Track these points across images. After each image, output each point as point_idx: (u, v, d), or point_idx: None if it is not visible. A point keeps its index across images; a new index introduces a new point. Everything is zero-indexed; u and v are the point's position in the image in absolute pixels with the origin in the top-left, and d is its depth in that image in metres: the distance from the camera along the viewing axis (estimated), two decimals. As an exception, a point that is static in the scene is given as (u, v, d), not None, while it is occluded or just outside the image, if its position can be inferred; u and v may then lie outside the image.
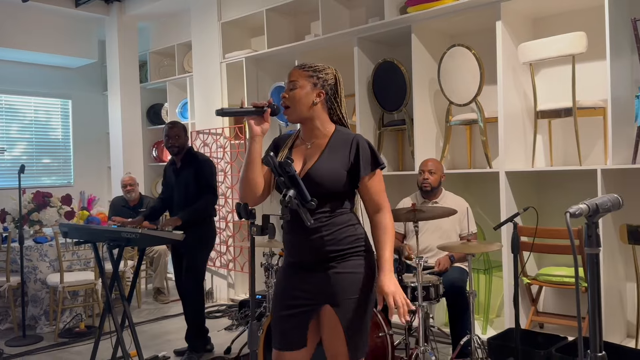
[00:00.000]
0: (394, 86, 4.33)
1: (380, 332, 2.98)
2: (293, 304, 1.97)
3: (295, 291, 1.98)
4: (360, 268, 1.94)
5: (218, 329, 4.51)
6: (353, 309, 1.91)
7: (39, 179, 7.14)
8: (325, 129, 2.00)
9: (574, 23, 3.83)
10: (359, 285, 1.92)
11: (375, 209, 1.98)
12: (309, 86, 1.96)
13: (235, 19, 5.46)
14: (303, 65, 2.01)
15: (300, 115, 1.97)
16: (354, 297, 1.91)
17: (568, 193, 3.94)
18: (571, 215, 1.02)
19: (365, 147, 1.95)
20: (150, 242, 3.39)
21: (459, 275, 3.40)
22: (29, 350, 4.15)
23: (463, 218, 3.57)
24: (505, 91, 3.74)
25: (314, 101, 1.96)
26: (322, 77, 1.98)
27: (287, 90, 1.98)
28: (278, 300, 2.02)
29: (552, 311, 4.00)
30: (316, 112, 1.98)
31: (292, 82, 1.97)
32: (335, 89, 2.02)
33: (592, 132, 3.79)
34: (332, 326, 1.92)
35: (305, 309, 1.96)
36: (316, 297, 1.94)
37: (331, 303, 1.91)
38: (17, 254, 4.62)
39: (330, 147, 1.97)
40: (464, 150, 4.41)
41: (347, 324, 1.90)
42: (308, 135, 2.02)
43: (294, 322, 1.97)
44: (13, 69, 6.88)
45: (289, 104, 1.96)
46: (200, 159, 3.89)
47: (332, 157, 1.94)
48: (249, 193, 1.97)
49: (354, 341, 1.92)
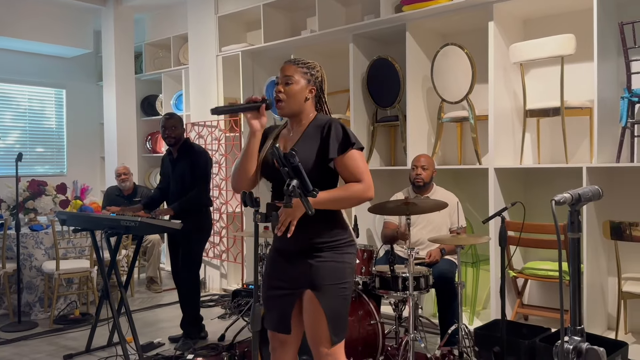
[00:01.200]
0: (388, 83, 4.43)
1: (372, 320, 3.09)
2: (278, 286, 2.09)
3: (280, 274, 2.09)
4: (340, 258, 2.04)
5: (211, 318, 4.60)
6: (333, 294, 2.01)
7: (32, 168, 7.16)
8: (307, 118, 2.10)
9: (563, 25, 3.95)
10: (339, 273, 2.03)
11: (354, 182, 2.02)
12: (303, 82, 2.05)
13: (232, 12, 5.52)
14: (297, 61, 2.08)
15: (292, 110, 2.06)
16: (334, 283, 2.01)
17: (554, 189, 4.05)
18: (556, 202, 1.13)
19: (338, 129, 2.00)
20: (148, 230, 3.47)
21: (448, 267, 3.51)
22: (24, 336, 4.21)
23: (453, 212, 3.69)
24: (496, 90, 3.85)
25: (306, 97, 2.06)
26: (314, 74, 2.08)
27: (282, 85, 2.05)
28: (265, 281, 2.14)
29: (537, 304, 4.14)
30: (306, 107, 2.08)
31: (288, 77, 2.04)
32: (322, 84, 2.12)
33: (578, 131, 3.91)
34: (313, 310, 2.01)
35: (289, 292, 2.07)
36: (298, 283, 2.04)
37: (312, 288, 2.00)
38: (12, 241, 4.67)
39: (306, 134, 2.07)
40: (455, 146, 4.52)
41: (327, 307, 1.99)
42: (293, 126, 2.13)
43: (279, 305, 2.09)
44: (8, 57, 6.88)
45: (283, 98, 2.04)
46: (197, 150, 3.96)
47: (306, 142, 2.04)
48: (243, 182, 2.07)
49: (334, 324, 2.01)
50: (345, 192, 1.99)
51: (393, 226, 3.83)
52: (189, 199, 3.84)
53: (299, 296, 2.06)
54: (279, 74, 2.08)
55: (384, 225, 3.90)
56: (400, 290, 3.08)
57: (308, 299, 2.02)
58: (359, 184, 1.99)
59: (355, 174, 2.00)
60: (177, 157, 3.95)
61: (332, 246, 2.03)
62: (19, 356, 3.79)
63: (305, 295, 2.03)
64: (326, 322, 1.99)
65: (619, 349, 3.03)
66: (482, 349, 3.27)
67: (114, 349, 3.77)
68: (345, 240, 2.08)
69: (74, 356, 3.73)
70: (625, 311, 3.58)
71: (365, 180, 2.00)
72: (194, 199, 3.85)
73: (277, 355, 2.15)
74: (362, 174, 2.00)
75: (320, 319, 1.99)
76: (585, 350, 1.12)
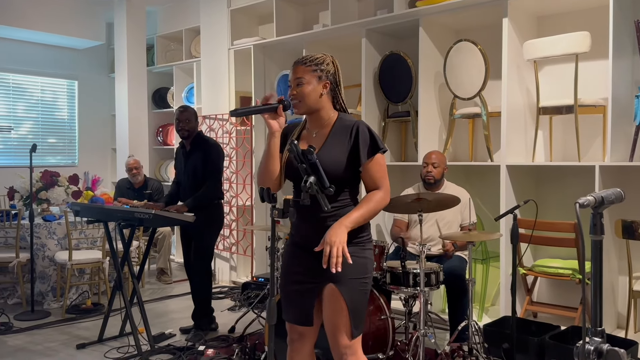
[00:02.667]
0: (400, 78, 4.42)
1: (382, 315, 3.11)
2: (299, 280, 2.11)
3: (300, 268, 2.11)
4: (362, 253, 2.07)
5: (221, 309, 4.64)
6: (355, 288, 2.04)
7: (44, 158, 7.22)
8: (329, 117, 2.12)
9: (578, 22, 3.92)
10: (361, 268, 2.06)
11: (373, 189, 2.07)
12: (314, 80, 2.07)
13: (244, 6, 5.53)
14: (304, 61, 2.10)
15: (309, 108, 2.09)
16: (356, 277, 2.04)
17: (566, 188, 4.06)
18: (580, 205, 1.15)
19: (365, 132, 2.05)
20: (162, 222, 3.51)
21: (458, 264, 3.53)
22: (37, 325, 4.27)
23: (464, 208, 3.69)
24: (509, 87, 3.84)
25: (321, 93, 2.08)
26: (324, 68, 2.09)
27: (294, 87, 2.08)
28: (284, 275, 2.16)
29: (546, 301, 4.15)
30: (322, 102, 2.10)
31: (298, 78, 2.07)
32: (336, 76, 2.13)
33: (591, 130, 3.90)
34: (335, 303, 2.03)
35: (311, 286, 2.09)
36: (319, 277, 2.06)
37: (334, 281, 2.03)
38: (26, 231, 4.73)
39: (332, 135, 2.09)
40: (466, 143, 4.52)
41: (349, 301, 2.02)
42: (314, 124, 2.15)
43: (301, 298, 2.11)
44: (21, 49, 6.93)
45: (299, 99, 2.07)
46: (209, 143, 3.98)
47: (334, 145, 2.06)
48: (269, 183, 2.09)
49: (355, 317, 2.04)
50: (369, 205, 2.02)
51: (402, 224, 3.84)
52: (202, 194, 3.86)
53: (320, 290, 2.08)
54: (290, 75, 2.11)
55: (394, 223, 3.91)
56: (411, 286, 3.09)
57: (330, 292, 2.04)
58: (379, 193, 2.04)
59: (376, 179, 2.05)
60: (189, 150, 3.97)
61: (354, 242, 2.05)
62: (32, 344, 3.84)
63: (327, 289, 2.05)
64: (348, 315, 2.02)
65: (629, 347, 3.03)
66: (491, 346, 3.28)
67: (126, 339, 3.81)
68: (367, 236, 2.12)
69: (86, 345, 3.78)
70: (635, 310, 3.58)
71: (385, 186, 2.06)
72: (207, 193, 3.88)
73: (295, 347, 2.18)
74: (383, 179, 2.06)
75: (342, 312, 2.02)
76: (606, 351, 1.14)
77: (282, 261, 2.20)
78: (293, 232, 2.16)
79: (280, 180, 2.11)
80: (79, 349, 3.73)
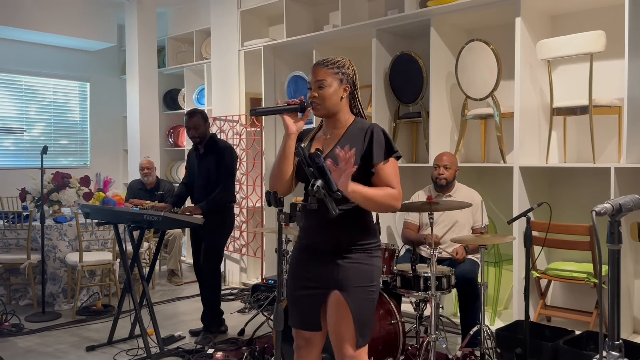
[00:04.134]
0: (411, 79, 4.37)
1: (393, 319, 3.07)
2: (306, 285, 2.07)
3: (308, 273, 2.07)
4: (369, 260, 2.03)
5: (231, 312, 4.63)
6: (361, 296, 1.99)
7: (56, 160, 7.27)
8: (345, 120, 2.09)
9: (592, 21, 3.85)
10: (367, 276, 2.02)
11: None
12: (335, 83, 2.04)
13: (254, 7, 5.51)
14: (326, 63, 2.06)
15: (329, 110, 2.05)
16: (362, 285, 2.00)
17: (580, 190, 3.99)
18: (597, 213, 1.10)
19: (380, 135, 2.02)
20: (171, 225, 3.50)
21: (470, 267, 3.47)
22: (48, 327, 4.28)
23: (476, 211, 3.64)
24: (522, 87, 3.78)
25: (341, 96, 2.05)
26: (345, 71, 2.06)
27: (316, 89, 2.03)
28: (292, 280, 2.13)
29: (560, 305, 4.08)
30: (342, 105, 2.07)
31: (320, 81, 2.03)
32: (355, 79, 2.11)
33: (606, 130, 3.83)
34: (340, 311, 1.99)
35: (318, 292, 2.05)
36: (326, 282, 2.02)
37: (340, 289, 1.99)
38: (37, 232, 4.74)
39: (346, 136, 2.05)
40: (479, 144, 4.46)
41: (355, 309, 1.98)
42: (330, 127, 2.12)
43: (308, 304, 2.08)
44: (33, 51, 6.98)
45: (319, 102, 2.03)
46: (222, 146, 3.96)
47: (348, 144, 2.00)
48: (280, 185, 2.06)
49: (361, 326, 1.99)
50: (379, 191, 1.95)
51: (413, 227, 3.80)
52: (216, 198, 3.84)
53: (326, 296, 2.05)
54: (310, 77, 2.07)
55: (405, 226, 3.86)
56: (422, 290, 3.05)
57: (335, 300, 2.00)
58: (392, 190, 1.98)
59: (388, 182, 2.00)
60: (203, 152, 3.96)
61: (361, 248, 2.02)
62: (43, 346, 3.85)
63: (332, 296, 2.01)
64: (353, 324, 1.98)
65: (646, 354, 2.96)
66: (504, 351, 3.23)
67: (135, 341, 3.81)
68: (375, 243, 2.08)
69: (96, 347, 3.78)
70: (652, 315, 3.51)
71: (398, 189, 2.01)
72: (221, 197, 3.87)
73: (301, 354, 2.14)
74: (396, 182, 2.01)
75: (347, 321, 1.98)
76: (625, 368, 1.09)
77: (290, 265, 2.17)
78: (301, 236, 2.13)
79: (291, 183, 2.08)
80: (89, 351, 3.73)
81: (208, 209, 3.81)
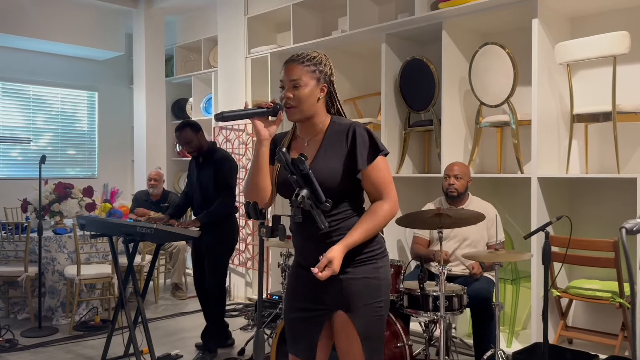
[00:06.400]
0: (422, 85, 4.17)
1: (399, 342, 2.84)
2: (304, 307, 1.88)
3: (307, 295, 1.87)
4: (374, 273, 1.82)
5: (234, 329, 4.42)
6: (368, 315, 1.80)
7: (63, 170, 7.18)
8: (322, 123, 1.87)
9: (614, 23, 3.62)
10: (373, 291, 1.81)
11: (377, 199, 1.82)
12: (312, 83, 1.81)
13: (261, 13, 5.37)
14: (301, 59, 1.82)
15: (304, 114, 1.83)
16: (368, 302, 1.80)
17: (604, 202, 3.72)
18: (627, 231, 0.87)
19: (363, 135, 1.79)
20: (165, 237, 3.32)
21: (485, 286, 3.22)
22: (43, 342, 4.12)
23: (491, 225, 3.40)
24: (539, 93, 3.55)
25: (318, 97, 1.83)
26: (322, 69, 1.84)
27: (290, 89, 1.80)
28: (289, 302, 1.93)
29: (583, 326, 3.80)
30: (318, 107, 1.85)
31: (295, 80, 1.80)
32: (332, 78, 1.88)
33: (632, 138, 3.57)
34: (347, 332, 1.80)
35: (317, 314, 1.85)
36: (328, 303, 1.82)
37: (345, 309, 1.79)
38: (36, 244, 4.61)
39: (326, 142, 1.84)
40: (494, 153, 4.22)
41: (362, 330, 1.79)
42: (305, 131, 1.90)
43: (303, 328, 1.88)
44: (41, 60, 6.92)
45: (295, 104, 1.81)
46: (221, 156, 3.81)
47: (328, 153, 1.82)
48: (257, 197, 1.84)
49: (370, 348, 1.81)
50: (374, 220, 1.77)
51: (423, 242, 3.56)
52: (215, 210, 3.70)
53: (328, 317, 1.85)
54: (283, 75, 1.83)
55: (414, 240, 3.63)
56: (430, 311, 2.82)
57: (341, 321, 1.81)
58: (384, 205, 1.79)
59: (379, 187, 1.80)
60: (202, 162, 3.82)
61: (364, 260, 1.81)
62: (34, 364, 3.69)
63: (337, 317, 1.81)
64: (361, 347, 1.78)
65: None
66: (521, 377, 2.97)
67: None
68: (379, 252, 1.85)
69: (89, 366, 3.61)
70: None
71: (391, 195, 1.80)
72: (220, 210, 3.71)
73: None
74: (387, 186, 1.80)
75: (354, 343, 1.79)
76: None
77: (287, 284, 1.96)
78: (296, 253, 1.92)
79: (272, 194, 1.87)
80: (81, 370, 3.56)
81: (206, 221, 3.66)
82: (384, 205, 1.78)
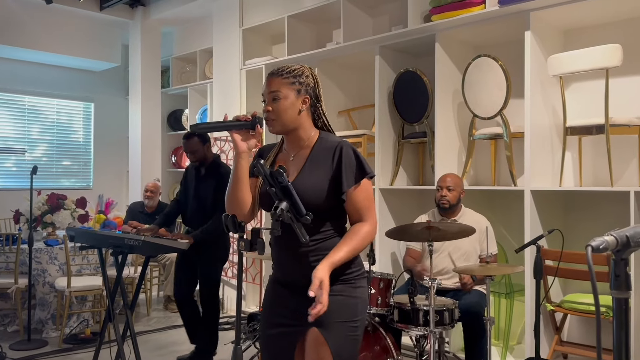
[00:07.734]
0: (416, 97, 4.15)
1: (389, 357, 2.79)
2: (278, 322, 1.84)
3: (281, 309, 1.84)
4: (352, 292, 1.79)
5: (225, 342, 4.37)
6: (342, 334, 1.75)
7: (58, 181, 7.14)
8: (308, 138, 1.84)
9: (607, 36, 3.61)
10: (350, 310, 1.77)
11: (357, 220, 1.79)
12: (292, 95, 1.79)
13: (256, 25, 5.37)
14: (281, 72, 1.82)
15: (286, 127, 1.81)
16: (344, 320, 1.76)
17: (598, 216, 3.69)
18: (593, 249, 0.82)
19: (350, 155, 1.76)
20: (153, 250, 3.28)
21: (477, 300, 3.18)
22: (31, 355, 4.06)
23: (483, 238, 3.36)
24: (532, 105, 3.53)
25: (300, 109, 1.80)
26: (303, 81, 1.81)
27: (270, 102, 1.79)
28: (264, 317, 1.89)
29: (578, 341, 3.74)
30: (301, 120, 1.82)
31: (274, 92, 1.78)
32: (316, 90, 1.85)
33: (625, 151, 3.55)
34: (319, 351, 1.74)
35: (294, 330, 1.81)
36: (302, 319, 1.77)
37: (318, 325, 1.74)
38: (27, 255, 4.57)
39: (312, 159, 1.81)
40: (488, 166, 4.20)
41: (335, 348, 1.74)
42: (291, 145, 1.87)
43: (278, 345, 1.83)
44: (37, 71, 6.92)
45: (274, 117, 1.79)
46: (224, 172, 3.79)
47: (314, 169, 1.79)
48: (236, 210, 1.82)
49: None
50: (354, 241, 1.73)
51: (415, 254, 3.53)
52: (211, 228, 3.67)
53: (302, 334, 1.79)
54: (264, 88, 1.82)
55: (407, 252, 3.60)
56: (421, 325, 2.77)
57: (313, 338, 1.76)
58: (365, 226, 1.76)
59: (361, 209, 1.77)
60: (204, 174, 3.79)
61: (343, 279, 1.77)
62: (21, 378, 3.63)
63: (310, 334, 1.76)
64: None
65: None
66: (513, 393, 2.92)
67: (118, 374, 3.56)
68: (358, 271, 1.82)
69: (76, 380, 3.55)
70: (680, 355, 3.17)
71: (371, 218, 1.78)
72: (216, 227, 3.68)
73: None
74: (369, 210, 1.77)
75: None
76: None
77: (264, 300, 1.92)
78: (275, 268, 1.89)
79: (252, 209, 1.83)
80: (68, 384, 3.51)
81: (202, 239, 3.63)
82: (364, 226, 1.76)
